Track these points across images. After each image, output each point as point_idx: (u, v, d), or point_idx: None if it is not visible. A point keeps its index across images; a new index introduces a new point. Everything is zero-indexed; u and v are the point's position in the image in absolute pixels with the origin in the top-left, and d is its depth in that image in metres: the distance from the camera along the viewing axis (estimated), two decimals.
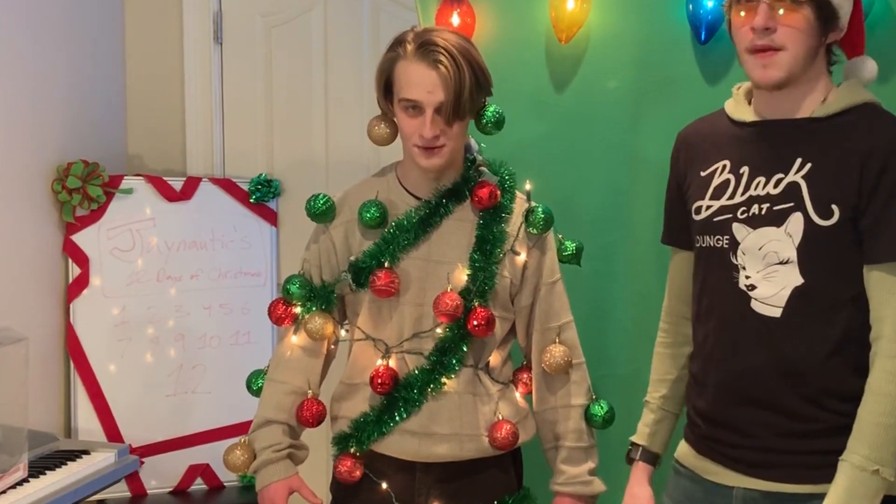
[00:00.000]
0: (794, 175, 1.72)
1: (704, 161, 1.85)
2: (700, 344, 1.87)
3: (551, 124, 2.49)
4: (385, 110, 2.06)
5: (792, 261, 1.70)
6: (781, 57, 1.69)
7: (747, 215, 1.75)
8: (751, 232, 1.75)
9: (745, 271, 1.75)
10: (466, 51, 1.97)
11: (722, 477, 1.80)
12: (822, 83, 1.77)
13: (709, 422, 1.84)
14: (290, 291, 2.11)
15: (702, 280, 1.86)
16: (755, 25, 1.68)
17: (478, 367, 2.06)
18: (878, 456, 1.63)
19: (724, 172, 1.81)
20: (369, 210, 2.05)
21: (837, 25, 1.73)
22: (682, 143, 1.94)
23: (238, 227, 3.21)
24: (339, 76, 3.40)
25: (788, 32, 1.68)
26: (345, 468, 2.05)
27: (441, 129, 1.96)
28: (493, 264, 2.03)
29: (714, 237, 1.80)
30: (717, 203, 1.80)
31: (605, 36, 2.45)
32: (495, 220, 2.06)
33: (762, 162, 1.76)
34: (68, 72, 3.00)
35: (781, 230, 1.72)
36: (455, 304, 1.98)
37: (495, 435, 2.03)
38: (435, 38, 1.95)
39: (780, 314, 1.72)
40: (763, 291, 1.73)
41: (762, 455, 1.75)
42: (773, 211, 1.72)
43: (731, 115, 1.85)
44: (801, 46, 1.69)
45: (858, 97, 1.76)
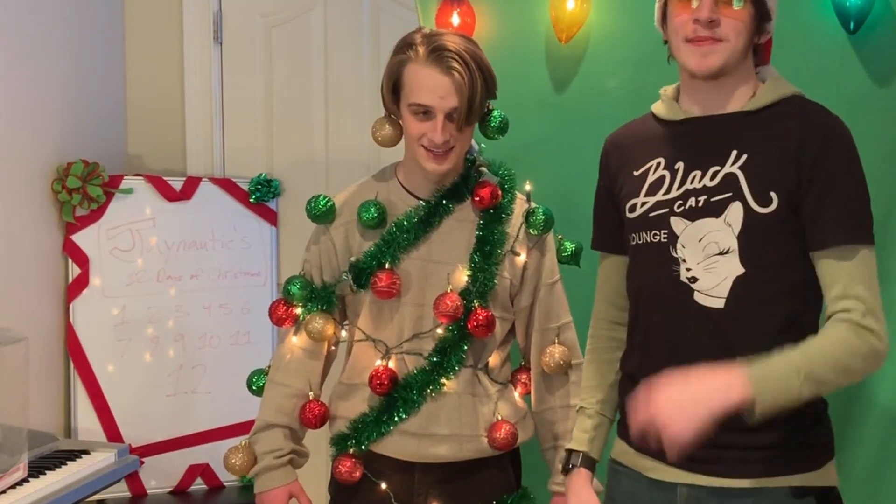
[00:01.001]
0: (730, 166, 1.73)
1: (637, 161, 1.86)
2: (639, 343, 1.85)
3: (551, 124, 2.49)
4: (391, 111, 2.06)
5: (732, 250, 1.70)
6: (723, 47, 1.71)
7: (684, 208, 1.75)
8: (689, 224, 1.75)
9: (685, 264, 1.74)
10: (477, 55, 1.98)
11: (663, 473, 1.78)
12: (750, 80, 1.79)
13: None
14: (291, 292, 2.11)
15: (640, 278, 1.85)
16: (700, 17, 1.70)
17: (477, 368, 2.06)
18: (811, 369, 1.58)
19: (658, 169, 1.81)
20: (368, 210, 2.05)
21: (767, 28, 1.77)
22: (611, 147, 1.94)
23: (238, 227, 3.21)
24: (339, 76, 3.40)
25: (732, 25, 1.70)
26: (345, 468, 2.05)
27: (451, 133, 1.96)
28: (493, 265, 2.03)
29: (651, 232, 1.79)
30: (653, 199, 1.80)
31: (605, 36, 2.45)
32: (495, 220, 2.06)
33: (697, 156, 1.77)
34: (68, 72, 3.00)
35: (721, 220, 1.71)
36: (455, 304, 1.98)
37: (494, 435, 2.03)
38: (447, 43, 1.95)
39: (723, 304, 1.71)
40: (705, 283, 1.72)
41: (705, 450, 1.68)
42: (710, 202, 1.73)
43: (660, 115, 1.87)
44: (741, 40, 1.72)
45: (786, 90, 1.78)
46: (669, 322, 1.77)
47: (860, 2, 2.20)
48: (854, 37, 2.24)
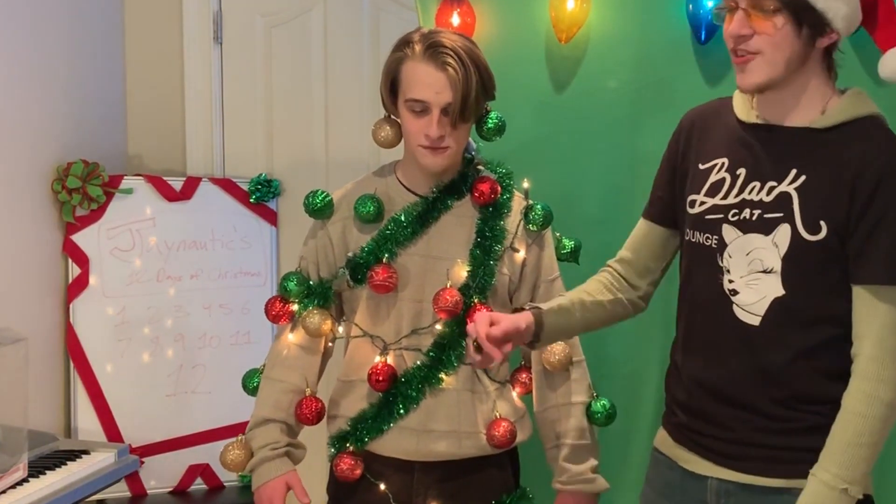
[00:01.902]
0: (786, 185, 1.71)
1: (704, 154, 1.85)
2: (682, 337, 1.88)
3: (551, 124, 2.49)
4: (389, 110, 2.06)
5: (776, 271, 1.71)
6: (757, 62, 1.69)
7: (738, 218, 1.75)
8: (740, 236, 1.75)
9: (728, 275, 1.76)
10: (473, 53, 1.99)
11: (696, 466, 1.81)
12: (818, 90, 1.74)
13: (686, 412, 1.85)
14: (288, 288, 2.11)
15: (687, 273, 1.86)
16: (729, 31, 1.70)
17: None
18: (847, 475, 1.63)
19: (721, 170, 1.80)
20: (365, 204, 2.05)
21: (829, 29, 1.70)
22: (689, 126, 1.91)
23: (238, 227, 3.21)
24: (339, 76, 3.40)
25: (762, 39, 1.68)
26: (346, 466, 2.04)
27: (446, 129, 1.96)
28: (492, 260, 2.04)
29: (704, 235, 1.80)
30: (711, 201, 1.80)
31: (605, 36, 2.45)
32: (495, 216, 2.07)
33: (758, 167, 1.76)
34: (68, 72, 3.00)
35: (769, 239, 1.72)
36: (455, 300, 1.99)
37: (493, 433, 2.04)
38: (443, 40, 1.96)
39: (758, 322, 1.73)
40: (745, 298, 1.74)
41: (737, 447, 1.76)
42: (763, 218, 1.72)
43: (736, 110, 1.84)
44: (777, 52, 1.67)
45: (860, 110, 1.73)
46: (708, 327, 1.79)
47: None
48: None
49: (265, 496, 2.05)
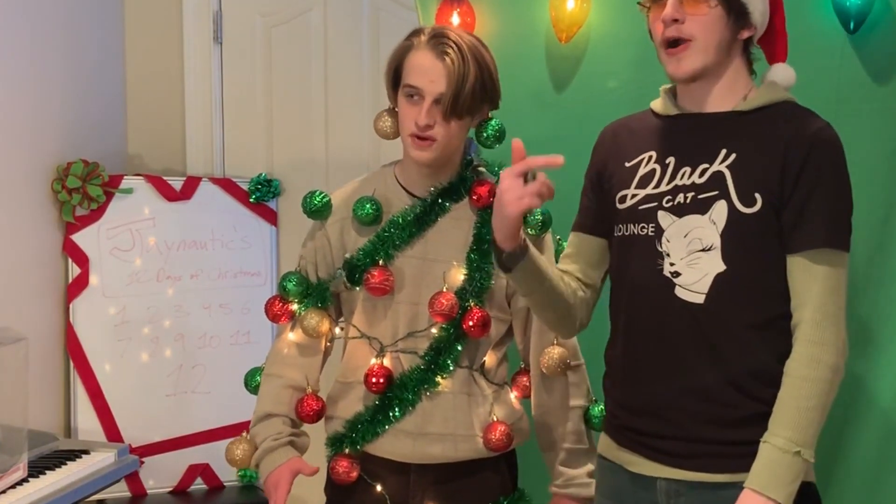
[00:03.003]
0: (718, 165, 1.76)
1: (629, 153, 1.88)
2: (622, 331, 1.87)
3: (551, 124, 2.49)
4: (392, 99, 2.06)
5: (715, 247, 1.74)
6: (692, 48, 1.75)
7: (672, 203, 1.79)
8: (676, 220, 1.78)
9: (668, 258, 1.78)
10: (478, 51, 1.99)
11: (643, 468, 1.81)
12: (741, 80, 1.82)
13: (629, 411, 1.84)
14: (287, 288, 2.11)
15: (622, 269, 1.87)
16: (664, 16, 1.75)
17: (473, 368, 2.06)
18: (799, 438, 1.66)
19: (649, 163, 1.84)
20: (363, 206, 2.05)
21: (749, 22, 1.79)
22: (608, 135, 1.97)
23: (238, 226, 3.21)
24: (339, 76, 3.40)
25: (696, 21, 1.74)
26: (342, 468, 2.04)
27: (436, 120, 1.96)
28: (489, 264, 2.03)
29: (639, 225, 1.82)
30: (643, 192, 1.83)
31: (605, 36, 2.45)
32: None
33: (687, 152, 1.80)
34: (68, 72, 3.00)
35: (706, 217, 1.75)
36: (451, 303, 1.98)
37: (490, 436, 2.03)
38: (448, 33, 1.98)
39: (703, 300, 1.74)
40: (687, 278, 1.76)
41: (684, 445, 1.76)
42: (697, 199, 1.76)
43: (657, 110, 1.90)
44: (709, 36, 1.75)
45: (778, 95, 1.82)
46: (652, 314, 1.80)
47: (860, 2, 2.20)
48: (854, 37, 2.24)
49: (271, 483, 2.05)
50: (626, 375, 1.85)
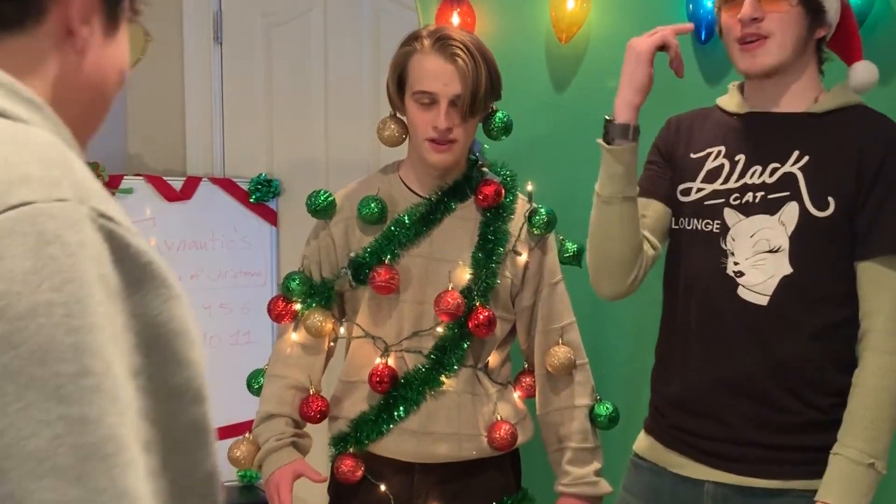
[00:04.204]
0: (790, 166, 1.73)
1: (696, 145, 1.86)
2: (678, 329, 1.85)
3: (551, 124, 2.49)
4: (396, 106, 2.06)
5: (783, 249, 1.71)
6: (769, 44, 1.72)
7: (740, 202, 1.76)
8: (742, 218, 1.75)
9: (733, 257, 1.75)
10: (483, 48, 2.00)
11: (690, 470, 1.79)
12: (812, 80, 1.80)
13: (680, 410, 1.82)
14: (290, 288, 2.11)
15: (682, 264, 1.85)
16: (742, 16, 1.71)
17: (477, 367, 2.06)
18: (872, 449, 1.63)
19: (717, 157, 1.82)
20: (368, 206, 2.05)
21: (825, 20, 1.76)
22: (673, 125, 1.94)
23: (238, 226, 3.21)
24: (339, 76, 3.40)
25: (774, 19, 1.71)
26: (346, 468, 2.04)
27: (455, 122, 1.96)
28: (494, 263, 2.03)
29: (703, 221, 1.80)
30: (710, 187, 1.80)
31: (605, 36, 2.45)
32: (498, 219, 2.07)
33: (758, 151, 1.77)
34: None
35: (775, 218, 1.72)
36: (457, 302, 1.98)
37: (494, 435, 2.03)
38: (452, 34, 1.98)
39: (766, 302, 1.72)
40: (751, 279, 1.73)
41: (736, 448, 1.74)
42: (767, 199, 1.73)
43: (725, 107, 1.87)
44: (787, 33, 1.72)
45: (850, 98, 1.79)
46: (710, 313, 1.77)
47: (860, 2, 2.20)
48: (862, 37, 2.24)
49: (272, 484, 2.05)
50: (681, 373, 1.82)
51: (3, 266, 0.59)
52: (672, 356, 1.85)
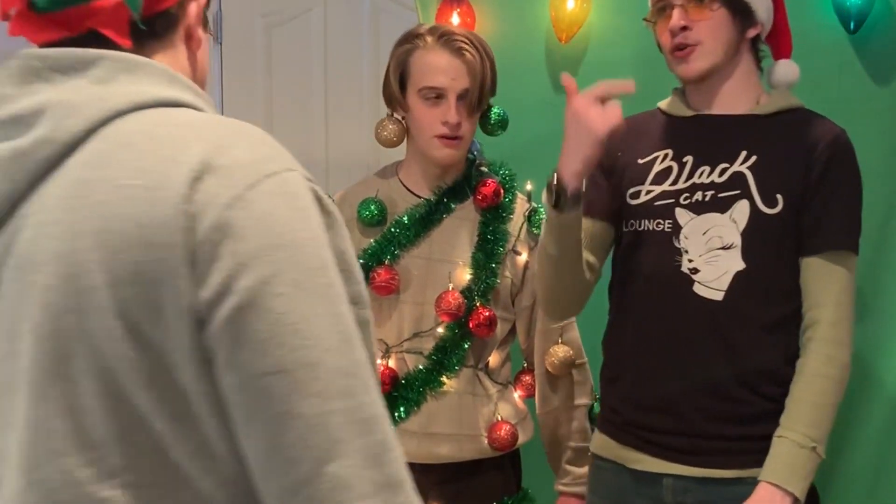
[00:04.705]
0: (739, 166, 1.80)
1: (642, 150, 1.90)
2: (629, 327, 1.87)
3: (551, 124, 2.46)
4: (400, 104, 2.05)
5: (735, 246, 1.77)
6: (699, 50, 1.78)
7: (690, 201, 1.81)
8: (694, 217, 1.80)
9: (687, 255, 1.80)
10: (484, 42, 2.02)
11: (649, 465, 1.82)
12: (751, 78, 1.86)
13: (637, 407, 1.84)
14: None
15: (635, 264, 1.87)
16: (671, 26, 1.79)
17: (477, 368, 2.06)
18: (815, 433, 1.70)
19: (665, 160, 1.86)
20: (367, 208, 2.05)
21: (754, 20, 1.82)
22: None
23: None
24: (339, 76, 3.41)
25: (702, 26, 1.78)
26: None
27: (463, 116, 1.97)
28: (494, 263, 2.04)
29: (654, 221, 1.84)
30: (659, 188, 1.84)
31: (605, 36, 2.45)
32: (497, 219, 2.07)
33: (705, 152, 1.83)
34: None
35: (726, 216, 1.78)
36: (457, 302, 1.99)
37: (494, 435, 2.03)
38: (453, 29, 2.00)
39: (721, 297, 1.77)
40: (706, 275, 1.78)
41: (692, 441, 1.78)
42: (717, 198, 1.79)
43: (669, 111, 1.92)
44: (716, 38, 1.78)
45: (792, 101, 1.86)
46: (668, 310, 1.81)
47: (860, 2, 2.20)
48: (854, 37, 2.24)
49: None
50: (637, 371, 1.85)
51: (278, 214, 0.87)
52: (623, 353, 1.88)
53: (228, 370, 0.84)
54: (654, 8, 1.86)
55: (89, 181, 0.87)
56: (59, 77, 0.91)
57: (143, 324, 0.84)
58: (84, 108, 0.89)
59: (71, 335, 0.85)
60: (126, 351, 0.84)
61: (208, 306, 0.84)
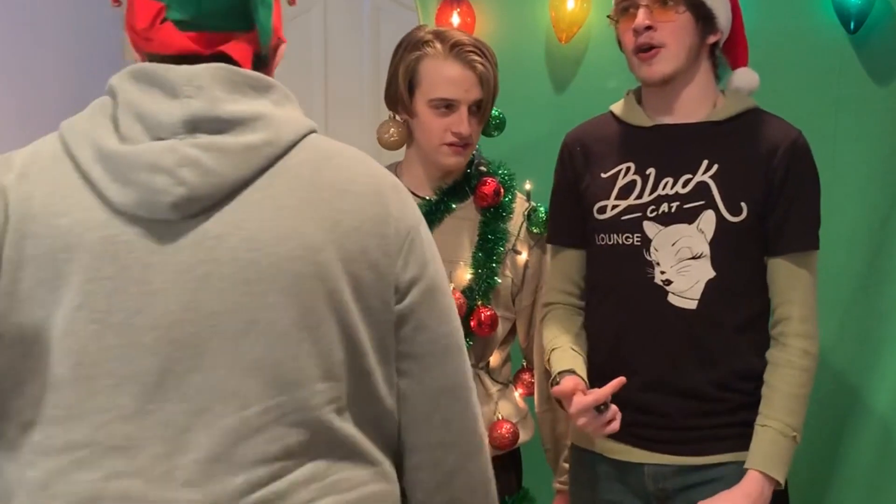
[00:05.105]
0: (701, 175, 1.83)
1: (604, 163, 1.92)
2: (606, 339, 1.91)
3: (551, 124, 2.48)
4: (407, 109, 2.05)
5: (705, 255, 1.82)
6: (663, 53, 1.81)
7: (657, 213, 1.84)
8: (662, 229, 1.84)
9: (659, 267, 1.83)
10: (490, 49, 2.03)
11: (630, 455, 1.87)
12: (709, 85, 1.89)
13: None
14: None
15: (608, 278, 1.91)
16: (636, 26, 1.81)
17: (478, 367, 2.06)
18: (793, 422, 1.78)
19: (628, 174, 1.89)
20: None
21: (715, 27, 1.85)
22: (574, 145, 1.99)
23: None
24: (339, 76, 3.41)
25: (666, 28, 1.80)
26: None
27: (473, 126, 2.00)
28: (494, 263, 2.04)
29: (623, 235, 1.87)
30: (625, 202, 1.87)
31: (605, 36, 2.44)
32: (497, 218, 2.07)
33: (667, 163, 1.86)
34: (68, 74, 3.00)
35: (693, 227, 1.82)
36: (459, 303, 1.99)
37: (495, 434, 2.03)
38: (462, 38, 2.00)
39: (695, 306, 1.82)
40: (679, 286, 1.83)
41: (672, 433, 1.84)
42: (683, 209, 1.83)
43: (625, 118, 1.94)
44: (679, 41, 1.81)
45: (746, 103, 1.88)
46: (644, 321, 1.85)
47: (860, 2, 2.20)
48: (854, 37, 2.24)
49: None
50: (613, 376, 1.83)
51: (407, 204, 1.23)
52: (604, 362, 1.90)
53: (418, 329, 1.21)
54: (617, 7, 1.88)
55: (313, 181, 1.15)
56: (252, 93, 1.15)
57: (363, 289, 1.15)
58: (292, 123, 1.16)
59: (315, 295, 1.12)
60: (352, 307, 1.14)
61: (408, 283, 1.19)
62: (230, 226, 1.11)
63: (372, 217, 1.17)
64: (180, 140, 1.10)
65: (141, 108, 1.12)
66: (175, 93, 1.11)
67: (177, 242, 1.10)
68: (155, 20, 1.15)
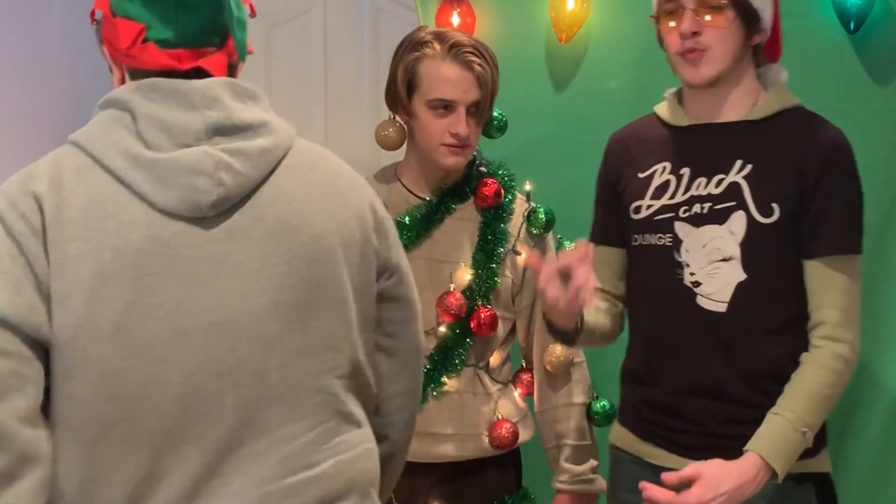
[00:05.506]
0: (734, 175, 1.79)
1: (642, 163, 1.90)
2: (641, 341, 1.91)
3: (551, 124, 2.49)
4: (406, 110, 2.05)
5: (735, 257, 1.77)
6: (709, 55, 1.77)
7: (689, 214, 1.81)
8: (693, 230, 1.81)
9: (689, 268, 1.80)
10: (490, 50, 2.03)
11: (663, 459, 1.85)
12: (751, 85, 1.84)
13: (653, 408, 1.87)
14: None
15: (641, 278, 1.90)
16: (682, 30, 1.77)
17: (478, 367, 2.07)
18: (808, 419, 1.71)
19: (664, 173, 1.86)
20: None
21: (760, 27, 1.81)
22: (616, 145, 1.98)
23: None
24: (339, 76, 3.40)
25: (713, 33, 1.76)
26: None
27: (471, 127, 1.99)
28: (494, 263, 2.04)
29: (655, 235, 1.85)
30: (658, 202, 1.85)
31: (605, 36, 2.45)
32: (497, 219, 2.07)
33: (702, 163, 1.82)
34: (68, 72, 2.99)
35: (724, 228, 1.78)
36: (459, 303, 1.99)
37: (495, 434, 2.04)
38: (461, 39, 2.00)
39: (725, 309, 1.78)
40: (708, 288, 1.79)
41: (705, 439, 1.80)
42: (714, 210, 1.79)
43: (666, 119, 1.91)
44: (726, 45, 1.77)
45: (788, 101, 1.84)
46: (672, 323, 1.83)
47: (860, 2, 2.20)
48: (854, 37, 2.24)
49: None
50: (650, 379, 1.88)
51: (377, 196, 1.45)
52: (639, 363, 1.91)
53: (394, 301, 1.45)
54: (662, 7, 1.83)
55: (310, 177, 1.33)
56: (251, 102, 1.30)
57: (354, 268, 1.34)
58: (286, 128, 1.33)
59: (322, 275, 1.30)
60: (347, 285, 1.33)
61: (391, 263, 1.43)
62: (253, 219, 1.26)
63: (356, 207, 1.37)
64: (209, 146, 1.24)
65: (164, 119, 1.23)
66: (192, 104, 1.24)
67: (213, 236, 1.24)
68: (136, 40, 1.27)
